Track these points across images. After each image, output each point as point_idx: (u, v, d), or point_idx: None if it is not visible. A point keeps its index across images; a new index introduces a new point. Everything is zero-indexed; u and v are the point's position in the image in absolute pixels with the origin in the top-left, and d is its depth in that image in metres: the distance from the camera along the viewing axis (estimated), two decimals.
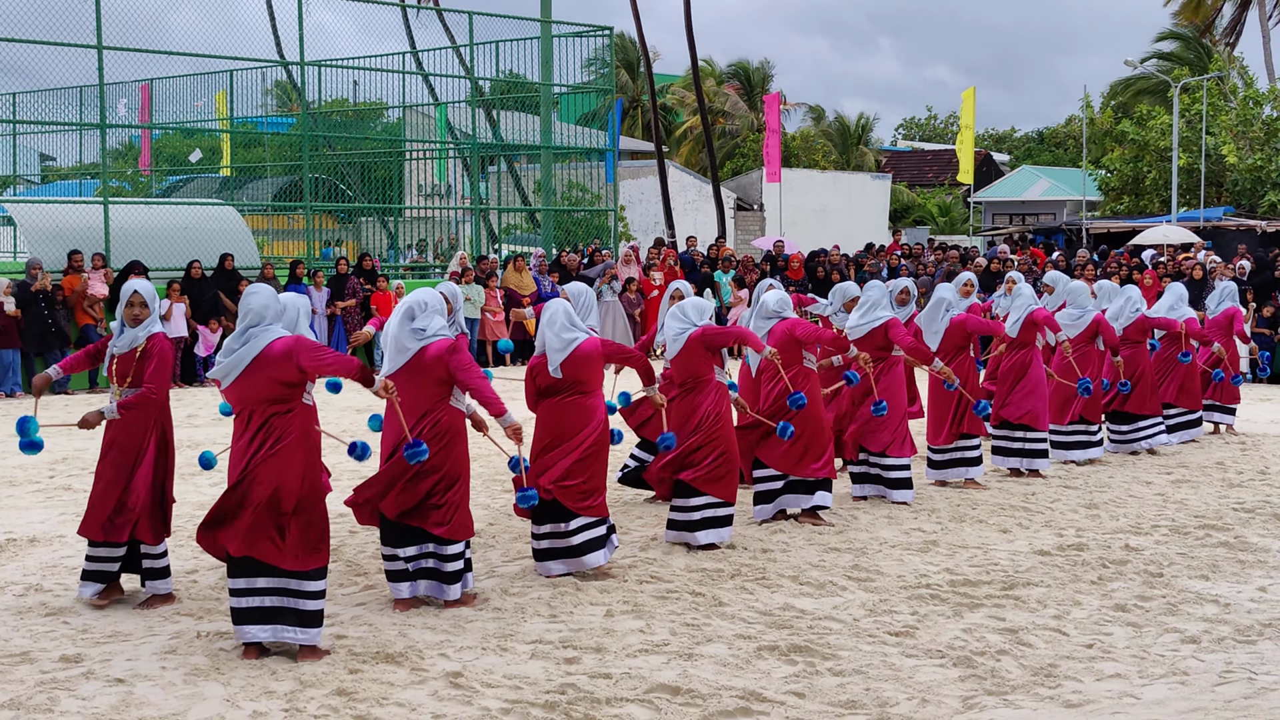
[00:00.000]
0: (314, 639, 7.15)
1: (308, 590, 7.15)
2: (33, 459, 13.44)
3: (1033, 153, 69.04)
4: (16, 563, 9.28)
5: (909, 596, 8.50)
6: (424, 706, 6.43)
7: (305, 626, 7.14)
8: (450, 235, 31.20)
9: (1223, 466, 13.65)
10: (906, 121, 79.05)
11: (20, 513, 11.00)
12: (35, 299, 19.23)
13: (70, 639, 7.47)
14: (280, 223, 31.80)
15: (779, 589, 8.66)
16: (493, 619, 7.88)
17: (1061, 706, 6.56)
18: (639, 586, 8.63)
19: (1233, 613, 8.25)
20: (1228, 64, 45.42)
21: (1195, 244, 28.36)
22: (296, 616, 7.13)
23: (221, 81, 30.64)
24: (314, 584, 7.18)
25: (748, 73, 54.80)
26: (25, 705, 6.37)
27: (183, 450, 13.28)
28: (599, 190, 30.76)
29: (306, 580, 7.16)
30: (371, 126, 33.55)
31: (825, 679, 6.91)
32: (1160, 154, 40.96)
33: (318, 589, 7.19)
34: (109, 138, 24.94)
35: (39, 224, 22.36)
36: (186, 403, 18.00)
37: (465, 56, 29.38)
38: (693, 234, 31.32)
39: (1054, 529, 10.58)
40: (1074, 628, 7.88)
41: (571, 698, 6.53)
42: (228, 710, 6.35)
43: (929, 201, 53.50)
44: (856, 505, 11.36)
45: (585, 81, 33.63)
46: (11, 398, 18.68)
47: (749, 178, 42.82)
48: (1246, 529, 10.67)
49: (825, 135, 53.39)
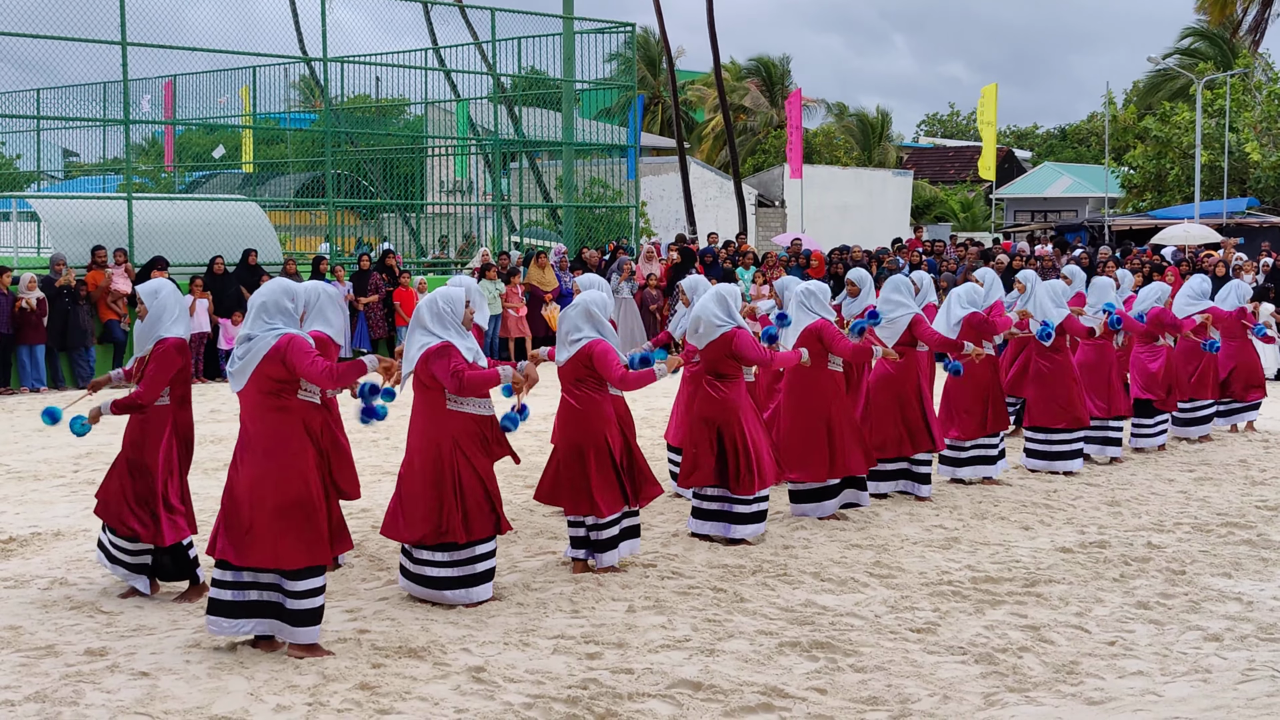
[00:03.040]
0: (307, 638, 7.14)
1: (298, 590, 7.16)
2: (57, 454, 13.53)
3: (1055, 149, 68.82)
4: (41, 556, 9.34)
5: (930, 593, 8.50)
6: (446, 701, 6.45)
7: (296, 625, 7.13)
8: (469, 233, 31.20)
9: (1245, 464, 13.60)
10: (929, 118, 78.98)
11: (45, 507, 11.07)
12: (59, 294, 19.31)
13: (95, 632, 7.51)
14: (302, 219, 31.88)
15: (800, 585, 8.66)
16: (515, 614, 7.91)
17: (1083, 704, 6.55)
18: (660, 582, 8.65)
19: (1255, 610, 8.23)
20: (1253, 60, 45.18)
21: (1225, 243, 28.23)
22: (288, 615, 7.13)
23: (244, 77, 30.73)
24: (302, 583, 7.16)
25: (768, 69, 54.72)
26: (51, 698, 6.41)
27: (204, 445, 13.37)
28: (620, 186, 30.77)
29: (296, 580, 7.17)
30: (393, 123, 33.60)
31: (847, 675, 6.92)
32: (1183, 150, 40.81)
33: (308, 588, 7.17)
34: (132, 134, 24.99)
35: (63, 219, 22.47)
36: (210, 398, 18.07)
37: (487, 53, 29.40)
38: (714, 230, 31.31)
39: (1076, 526, 10.56)
40: (1096, 625, 7.87)
41: (593, 693, 6.55)
42: (251, 704, 6.39)
43: (950, 198, 53.41)
44: (878, 502, 11.36)
45: (607, 78, 33.64)
46: (36, 393, 18.77)
47: (770, 174, 42.78)
48: (1269, 527, 10.63)
49: (846, 131, 53.32)
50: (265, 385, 7.08)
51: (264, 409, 7.11)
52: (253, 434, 7.13)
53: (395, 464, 11.68)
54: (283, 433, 7.11)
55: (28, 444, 14.28)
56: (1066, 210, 53.15)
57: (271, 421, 7.11)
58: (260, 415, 7.12)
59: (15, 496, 11.52)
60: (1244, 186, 40.83)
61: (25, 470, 12.74)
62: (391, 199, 30.62)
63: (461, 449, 7.92)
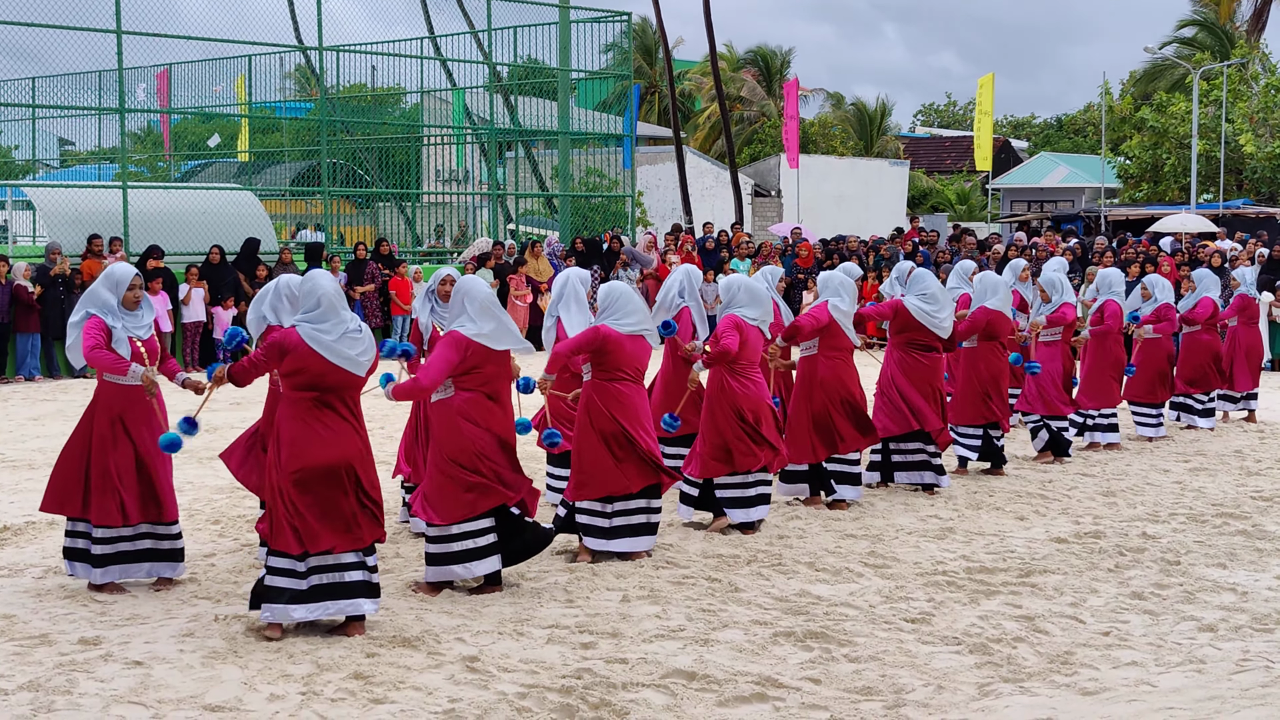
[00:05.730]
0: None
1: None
2: (51, 443, 13.52)
3: (1051, 139, 68.75)
4: (36, 545, 9.33)
5: (925, 583, 8.50)
6: (440, 690, 6.45)
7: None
8: (461, 223, 31.18)
9: (1241, 455, 13.62)
10: (925, 108, 78.87)
11: (39, 495, 11.01)
12: (54, 283, 19.29)
13: (89, 621, 7.51)
14: (298, 208, 31.85)
15: (795, 575, 8.66)
16: (509, 603, 7.90)
17: (1077, 694, 6.56)
18: (655, 572, 8.65)
19: (1250, 601, 8.23)
20: (1251, 51, 45.14)
21: (1218, 233, 28.31)
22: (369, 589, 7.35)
23: (240, 66, 30.69)
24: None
25: (765, 59, 54.63)
26: (44, 687, 6.40)
27: (200, 435, 13.32)
28: (616, 176, 30.74)
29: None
30: (389, 112, 33.56)
31: (841, 665, 6.91)
32: (1179, 141, 40.78)
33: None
34: (128, 122, 24.96)
35: (58, 208, 22.43)
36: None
37: (483, 42, 29.37)
38: (710, 220, 31.28)
39: (1071, 516, 10.57)
40: (1090, 615, 7.87)
41: (587, 682, 6.55)
42: (245, 693, 6.38)
43: (947, 188, 53.33)
44: (874, 492, 11.36)
45: (603, 67, 33.58)
46: (31, 381, 18.75)
47: (766, 164, 42.73)
48: (1265, 517, 10.64)
49: (844, 121, 53.24)
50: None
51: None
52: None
53: (390, 453, 11.67)
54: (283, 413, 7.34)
55: (22, 432, 14.26)
56: (1063, 200, 53.08)
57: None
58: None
59: (10, 485, 11.50)
60: (1239, 177, 40.81)
61: (20, 459, 12.72)
62: (387, 188, 30.58)
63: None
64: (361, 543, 7.28)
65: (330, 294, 7.21)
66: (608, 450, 8.81)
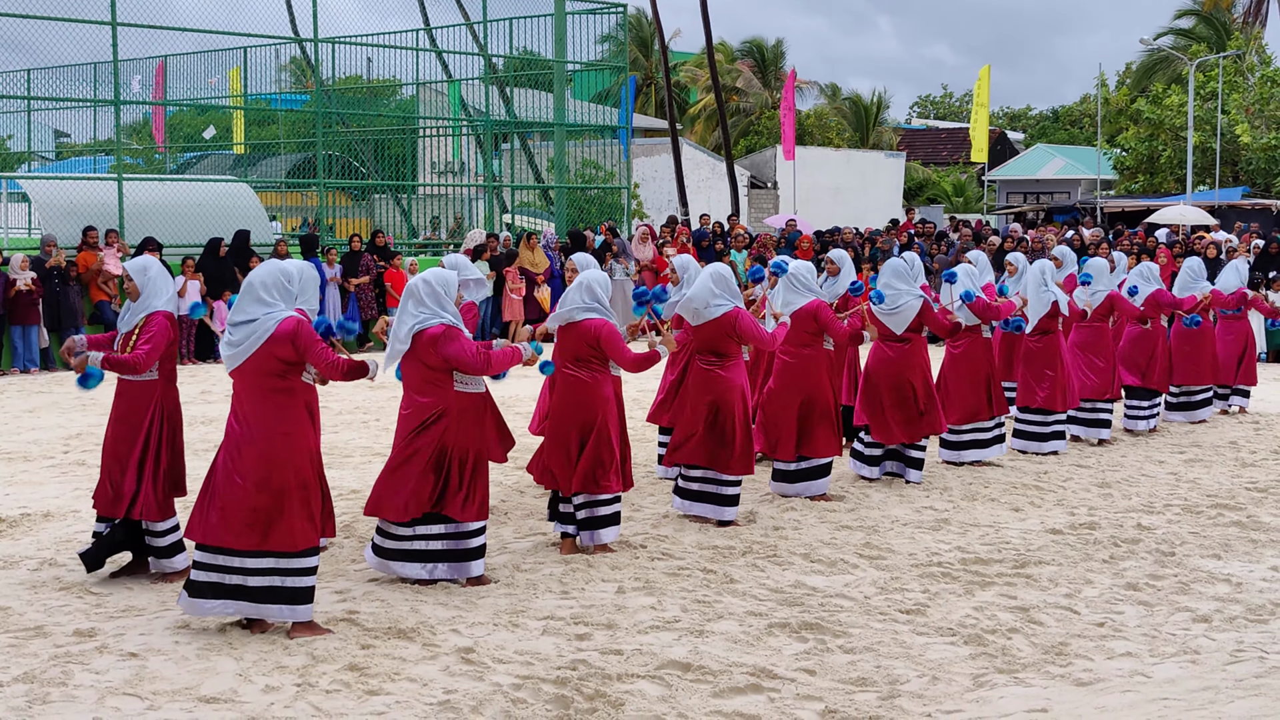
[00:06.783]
0: (304, 615, 7.15)
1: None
2: (47, 435, 13.52)
3: (1047, 131, 68.74)
4: (31, 537, 9.32)
5: (920, 574, 8.50)
6: (435, 681, 6.45)
7: (294, 604, 7.14)
8: (457, 215, 31.14)
9: (1235, 446, 13.63)
10: (921, 99, 78.85)
11: (35, 488, 11.04)
12: (49, 275, 19.26)
13: (84, 613, 7.50)
14: (294, 199, 31.81)
15: (790, 566, 8.67)
16: (504, 595, 7.90)
17: (1072, 685, 6.57)
18: (650, 563, 8.65)
19: (1244, 592, 8.25)
20: (1247, 43, 45.13)
21: (1213, 225, 28.31)
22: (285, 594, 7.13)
23: (235, 58, 30.62)
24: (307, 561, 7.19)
25: (761, 50, 54.60)
26: (40, 679, 6.40)
27: (194, 426, 13.34)
28: (612, 168, 30.72)
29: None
30: (385, 103, 33.51)
31: (836, 656, 6.92)
32: (1175, 132, 40.78)
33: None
34: (123, 114, 24.92)
35: (53, 200, 22.39)
36: (200, 379, 18.05)
37: (479, 33, 29.33)
38: (706, 212, 31.26)
39: (1066, 507, 10.58)
40: (1085, 606, 7.88)
41: (583, 674, 6.55)
42: (240, 685, 6.38)
43: (943, 180, 53.33)
44: (869, 484, 11.36)
45: (599, 59, 33.53)
46: (27, 373, 18.73)
47: (762, 155, 42.71)
48: (1259, 508, 10.65)
49: (839, 113, 53.22)
50: (271, 366, 7.07)
51: (265, 390, 7.10)
52: (251, 415, 7.11)
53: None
54: (287, 414, 7.12)
55: (17, 425, 14.25)
56: (1059, 192, 53.08)
57: (275, 403, 7.10)
58: (261, 396, 7.10)
59: (5, 477, 11.49)
60: (1235, 169, 40.82)
61: (15, 451, 12.71)
62: (383, 180, 30.54)
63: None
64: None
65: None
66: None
